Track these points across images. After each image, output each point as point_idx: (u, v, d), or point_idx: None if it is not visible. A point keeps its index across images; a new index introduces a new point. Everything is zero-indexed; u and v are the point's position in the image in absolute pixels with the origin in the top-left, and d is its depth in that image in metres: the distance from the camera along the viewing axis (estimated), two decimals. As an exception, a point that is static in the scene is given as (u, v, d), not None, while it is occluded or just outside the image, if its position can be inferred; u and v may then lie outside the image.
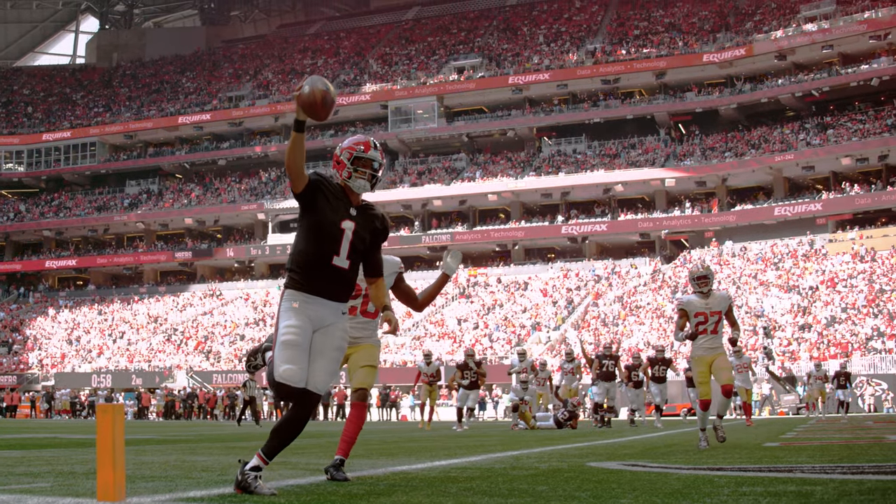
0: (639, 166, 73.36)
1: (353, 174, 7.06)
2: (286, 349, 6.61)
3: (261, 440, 16.89)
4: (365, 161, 7.11)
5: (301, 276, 6.80)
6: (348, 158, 7.10)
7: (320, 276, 6.80)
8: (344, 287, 6.91)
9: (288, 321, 6.70)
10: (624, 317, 62.19)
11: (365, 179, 7.09)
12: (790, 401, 48.27)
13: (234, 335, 71.96)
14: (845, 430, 18.69)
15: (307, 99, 6.62)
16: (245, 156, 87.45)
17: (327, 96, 6.64)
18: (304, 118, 6.70)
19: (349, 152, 7.13)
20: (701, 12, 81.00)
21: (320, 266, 6.80)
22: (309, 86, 6.64)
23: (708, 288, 13.23)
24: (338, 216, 6.91)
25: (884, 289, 56.50)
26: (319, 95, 6.63)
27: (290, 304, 6.77)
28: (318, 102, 6.62)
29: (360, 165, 7.10)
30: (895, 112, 67.58)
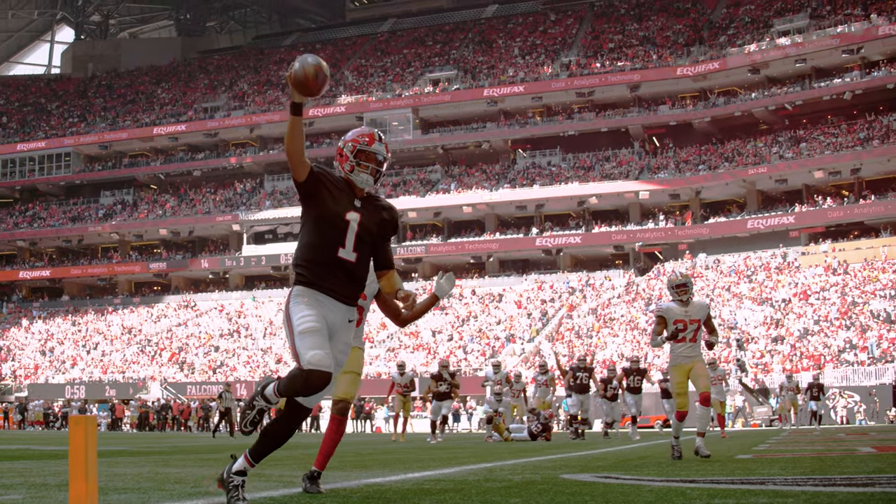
0: (613, 179, 73.59)
1: (356, 168, 6.86)
2: (308, 336, 6.39)
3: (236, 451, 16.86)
4: (368, 154, 6.91)
5: (308, 272, 6.61)
6: (351, 151, 6.90)
7: (327, 270, 6.60)
8: (352, 283, 6.70)
9: (302, 312, 6.50)
10: (598, 329, 62.33)
11: (368, 173, 6.88)
12: (763, 413, 48.44)
13: (208, 346, 71.84)
14: (817, 443, 18.74)
15: (298, 76, 6.39)
16: (220, 167, 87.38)
17: (320, 71, 6.43)
18: (299, 99, 6.49)
19: (352, 145, 6.93)
20: (675, 26, 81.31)
21: (326, 259, 6.61)
22: (299, 63, 6.42)
23: (687, 296, 13.18)
24: (341, 208, 6.71)
25: (856, 301, 56.78)
26: (312, 71, 6.40)
27: (300, 299, 6.57)
28: (311, 78, 6.40)
29: (363, 159, 6.89)
30: (867, 126, 67.96)
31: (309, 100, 6.65)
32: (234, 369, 67.47)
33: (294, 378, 6.37)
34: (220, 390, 42.36)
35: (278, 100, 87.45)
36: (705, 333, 13.40)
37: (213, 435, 37.20)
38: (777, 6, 77.30)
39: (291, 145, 6.57)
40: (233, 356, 70.03)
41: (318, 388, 6.35)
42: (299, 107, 6.51)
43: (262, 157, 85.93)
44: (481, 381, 29.27)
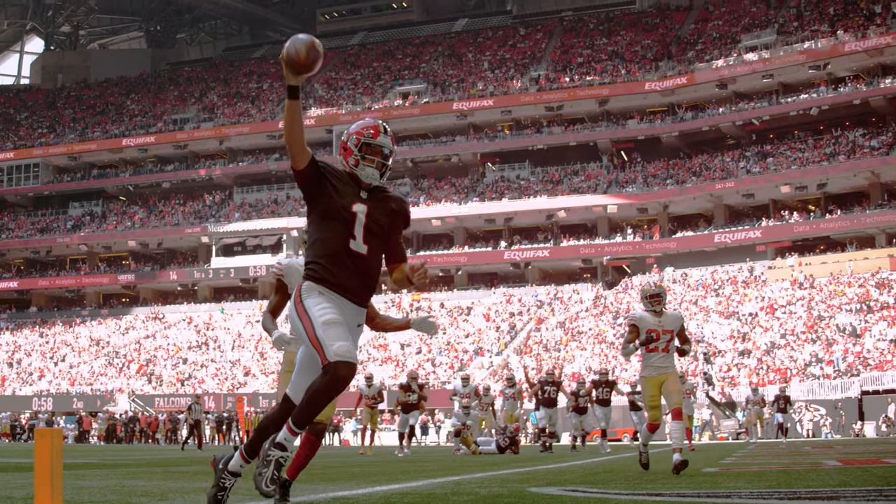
0: (581, 193, 73.81)
1: (361, 161, 6.65)
2: (331, 327, 6.22)
3: (203, 464, 16.81)
4: (374, 148, 6.69)
5: (321, 267, 6.42)
6: (356, 145, 6.68)
7: (340, 263, 6.42)
8: (365, 279, 6.50)
9: (321, 303, 6.33)
10: (566, 342, 62.46)
11: (374, 167, 6.66)
12: (730, 426, 48.67)
13: (176, 359, 71.62)
14: (783, 456, 18.79)
15: (290, 56, 6.21)
16: (189, 179, 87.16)
17: (311, 48, 6.23)
18: (294, 82, 6.28)
19: (357, 138, 6.71)
20: (644, 41, 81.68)
21: (338, 252, 6.42)
22: (290, 42, 6.25)
23: (660, 306, 13.11)
24: (347, 200, 6.50)
25: (822, 315, 57.11)
26: (303, 49, 6.20)
27: (316, 291, 6.39)
28: (302, 56, 6.20)
29: (368, 152, 6.67)
30: (834, 141, 68.41)
31: (304, 79, 6.40)
32: (202, 381, 67.31)
33: (316, 389, 6.18)
34: (188, 402, 42.25)
35: (248, 112, 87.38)
36: (678, 343, 13.24)
37: (182, 447, 37.06)
38: (744, 22, 77.79)
39: (291, 130, 6.42)
40: (201, 368, 69.85)
41: (347, 380, 6.17)
42: (295, 89, 6.31)
43: (231, 170, 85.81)
44: (450, 395, 29.20)
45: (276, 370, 66.82)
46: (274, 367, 67.56)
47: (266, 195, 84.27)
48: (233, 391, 64.08)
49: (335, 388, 6.14)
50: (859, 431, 46.74)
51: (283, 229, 79.27)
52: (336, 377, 6.11)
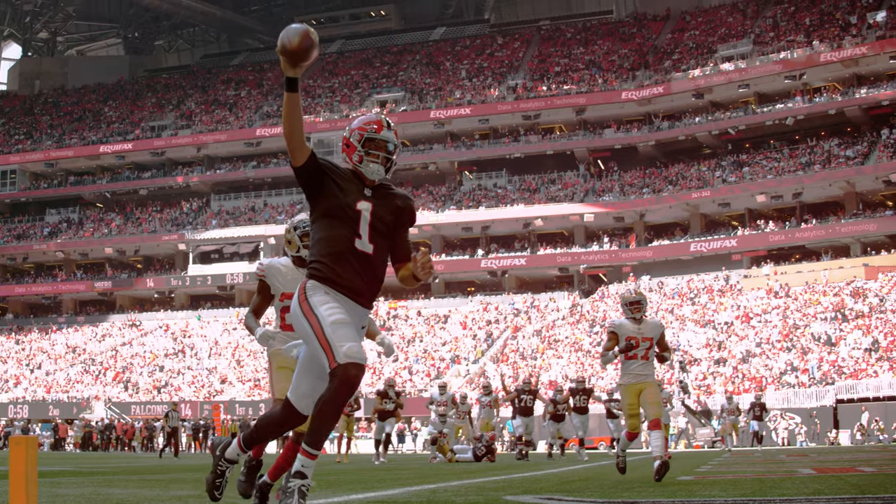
0: (558, 201, 73.97)
1: (365, 157, 6.43)
2: (340, 327, 6.04)
3: (179, 472, 16.81)
4: (378, 143, 6.48)
5: (325, 266, 6.23)
6: (358, 140, 6.46)
7: (345, 263, 6.23)
8: (370, 279, 6.31)
9: (328, 302, 6.14)
10: (542, 350, 62.58)
11: (378, 163, 6.45)
12: (705, 434, 48.81)
13: (153, 366, 71.47)
14: (758, 464, 18.79)
15: (285, 46, 5.96)
16: (167, 186, 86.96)
17: (306, 37, 5.96)
18: (292, 73, 6.04)
19: (359, 133, 6.49)
20: (621, 50, 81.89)
21: (343, 251, 6.23)
22: (284, 33, 5.98)
23: (640, 314, 13.05)
24: (351, 198, 6.31)
25: (797, 324, 57.38)
26: (297, 39, 5.94)
27: (321, 289, 6.20)
28: (295, 45, 5.94)
29: (372, 148, 6.46)
30: (809, 151, 68.74)
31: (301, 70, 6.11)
32: (178, 389, 67.18)
33: (326, 399, 5.95)
34: (165, 410, 42.18)
35: (226, 119, 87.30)
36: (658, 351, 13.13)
37: (160, 455, 36.99)
38: (721, 32, 78.10)
39: (289, 124, 6.16)
40: (177, 376, 69.72)
41: (357, 382, 6.01)
42: (293, 81, 6.07)
43: (208, 177, 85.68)
44: (427, 402, 29.20)
45: (254, 378, 66.78)
46: (251, 374, 67.50)
47: (243, 203, 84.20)
48: (209, 399, 63.99)
49: (346, 392, 5.95)
50: (834, 440, 46.96)
51: (260, 237, 79.20)
52: (346, 379, 5.93)
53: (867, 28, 68.99)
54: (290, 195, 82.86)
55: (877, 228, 63.86)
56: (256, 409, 60.45)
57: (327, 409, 5.94)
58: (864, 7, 71.98)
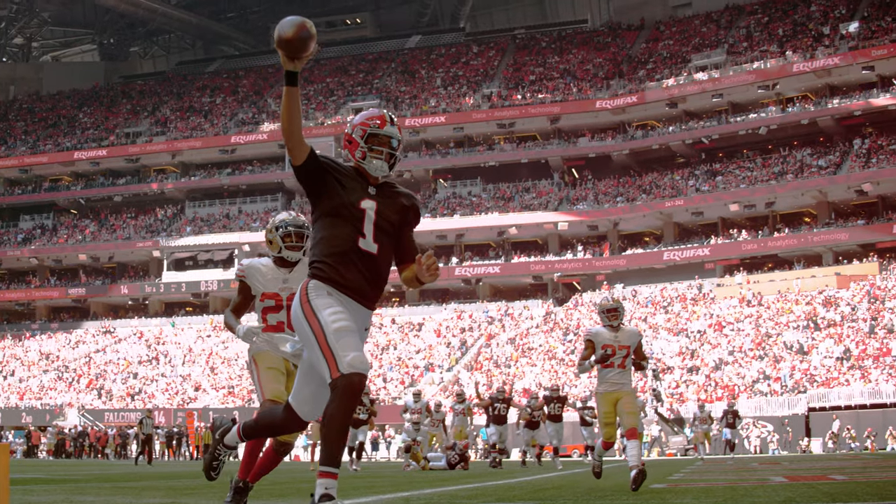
0: (532, 210, 74.14)
1: (369, 154, 6.26)
2: (344, 335, 5.87)
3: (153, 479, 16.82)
4: (381, 138, 6.29)
5: (328, 266, 6.07)
6: (361, 136, 6.28)
7: (348, 263, 6.07)
8: (374, 280, 6.15)
9: (332, 307, 5.97)
10: (516, 358, 62.69)
11: (382, 160, 6.27)
12: (678, 442, 49.03)
13: (126, 373, 71.28)
14: (731, 472, 18.82)
15: (280, 36, 5.82)
16: (141, 192, 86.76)
17: (302, 28, 5.80)
18: (291, 67, 5.87)
19: (362, 129, 6.30)
20: (595, 60, 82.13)
21: (346, 251, 6.07)
22: (278, 27, 5.84)
23: (618, 321, 12.97)
24: (354, 196, 6.15)
25: (770, 333, 57.68)
26: (291, 31, 5.78)
27: (324, 291, 6.02)
28: (289, 33, 5.77)
29: (375, 143, 6.27)
30: (782, 160, 69.14)
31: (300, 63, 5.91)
32: (152, 396, 67.04)
33: (332, 414, 5.77)
34: (139, 417, 42.11)
35: (201, 126, 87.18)
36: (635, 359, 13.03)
37: (136, 462, 36.83)
38: (695, 42, 78.44)
39: (288, 119, 5.95)
40: (151, 383, 69.58)
41: (361, 391, 5.83)
42: (292, 75, 5.89)
43: (183, 184, 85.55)
44: (400, 410, 29.18)
45: (227, 385, 66.69)
46: (225, 382, 67.39)
47: (218, 210, 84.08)
48: (183, 406, 63.87)
49: (351, 403, 5.79)
50: (806, 448, 47.26)
51: (234, 244, 79.11)
52: (350, 390, 5.77)
53: (840, 39, 69.45)
54: (265, 202, 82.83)
55: (848, 238, 64.22)
56: (230, 417, 60.35)
57: (336, 424, 5.78)
58: (837, 18, 72.49)
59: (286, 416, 6.41)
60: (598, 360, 12.83)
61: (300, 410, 6.30)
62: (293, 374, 8.17)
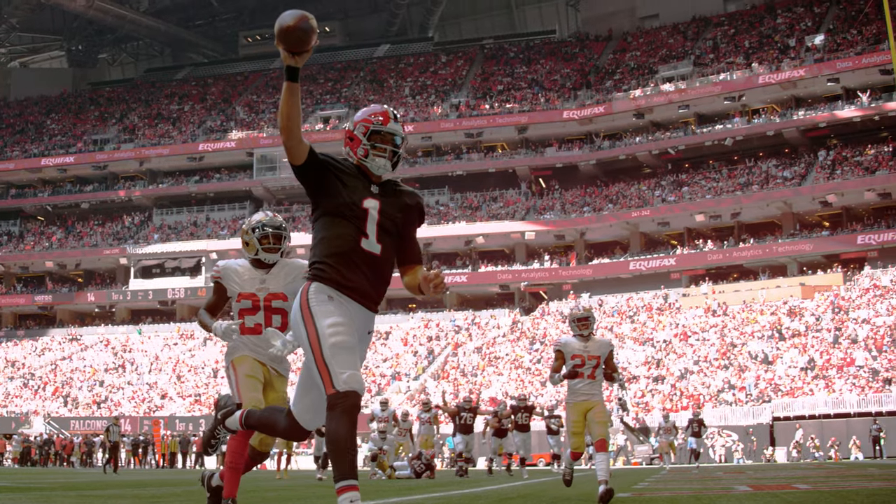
0: (500, 219, 74.32)
1: (371, 151, 6.08)
2: (341, 352, 5.70)
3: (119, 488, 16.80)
4: (384, 136, 6.11)
5: (329, 267, 5.90)
6: (364, 133, 6.11)
7: (351, 264, 5.90)
8: (378, 282, 6.03)
9: (331, 318, 5.78)
10: (483, 367, 62.81)
11: (385, 158, 6.10)
12: (643, 451, 49.23)
13: (93, 381, 71.02)
14: (695, 481, 18.85)
15: (280, 27, 5.68)
16: (109, 199, 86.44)
17: (303, 20, 5.67)
18: (293, 62, 5.74)
19: (364, 126, 6.12)
20: (563, 70, 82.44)
21: (349, 251, 5.91)
22: (278, 21, 5.69)
23: (588, 331, 12.82)
24: (357, 195, 5.98)
25: (734, 342, 58.00)
26: (291, 23, 5.65)
27: (325, 296, 5.85)
28: (290, 22, 5.66)
29: (378, 141, 6.10)
30: (748, 171, 69.56)
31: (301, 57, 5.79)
32: (118, 404, 66.84)
33: (335, 432, 5.61)
34: (105, 425, 41.96)
35: (169, 133, 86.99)
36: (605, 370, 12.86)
37: (105, 470, 36.53)
38: (662, 53, 78.85)
39: (288, 117, 5.78)
40: (117, 391, 69.37)
41: (359, 407, 5.68)
42: (293, 70, 5.74)
43: (151, 191, 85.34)
44: (367, 419, 29.18)
45: (194, 393, 66.56)
46: (191, 390, 67.26)
47: (186, 217, 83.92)
48: (149, 414, 63.72)
49: (351, 422, 5.62)
50: (770, 457, 47.51)
51: (202, 252, 78.96)
52: (349, 409, 5.64)
53: (805, 51, 69.98)
54: (233, 210, 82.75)
55: (813, 248, 64.66)
56: (197, 425, 60.28)
57: (341, 442, 5.62)
58: (803, 31, 73.08)
59: (289, 425, 6.29)
60: (565, 376, 12.63)
61: (302, 419, 6.19)
62: (271, 382, 8.16)
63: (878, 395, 47.85)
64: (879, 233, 62.65)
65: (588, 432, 12.79)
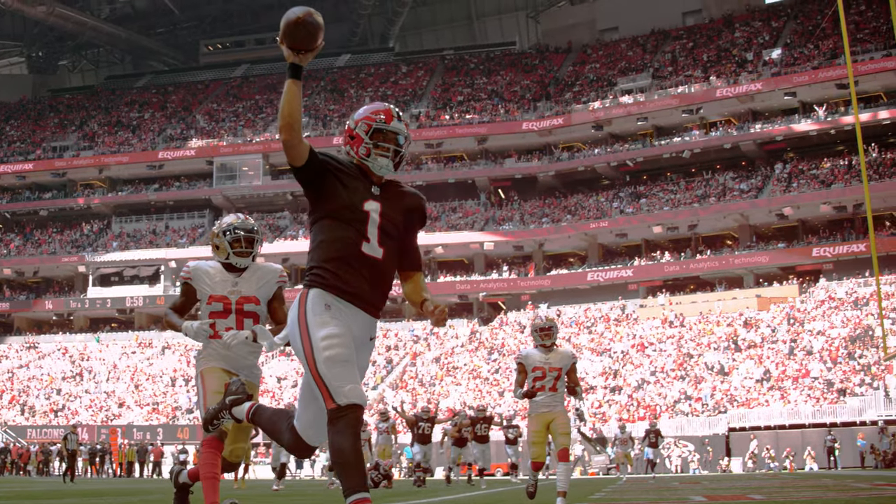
0: (459, 229, 74.48)
1: (374, 151, 5.85)
2: (339, 365, 5.47)
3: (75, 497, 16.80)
4: (387, 134, 5.88)
5: (329, 273, 5.63)
6: (366, 131, 5.85)
7: (351, 269, 5.63)
8: (379, 287, 5.74)
9: (327, 329, 5.52)
10: (441, 377, 63.00)
11: (388, 157, 5.87)
12: (601, 461, 49.50)
13: (50, 389, 70.69)
14: (651, 491, 19.03)
15: (286, 21, 5.54)
16: (67, 207, 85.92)
17: (308, 15, 5.53)
18: (296, 60, 5.57)
19: (366, 124, 5.87)
20: (523, 81, 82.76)
21: (349, 256, 5.64)
22: (284, 17, 5.54)
23: (550, 341, 12.47)
24: (357, 197, 5.74)
25: (691, 353, 58.43)
26: (294, 19, 5.50)
27: (322, 305, 5.59)
28: (300, 13, 5.52)
29: (381, 140, 5.85)
30: (705, 183, 70.04)
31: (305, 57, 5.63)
32: (75, 413, 66.56)
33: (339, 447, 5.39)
34: (62, 433, 41.83)
35: (128, 141, 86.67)
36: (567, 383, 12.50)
37: (64, 479, 36.30)
38: (621, 66, 79.29)
39: (290, 114, 5.54)
40: (75, 399, 69.08)
41: (361, 420, 5.49)
42: (296, 68, 5.56)
43: (110, 199, 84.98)
44: (326, 429, 28.84)
45: (152, 402, 66.40)
46: (149, 398, 67.10)
47: (145, 225, 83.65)
48: (107, 423, 63.53)
49: (354, 435, 5.42)
50: (726, 467, 47.91)
51: (160, 260, 78.78)
52: (352, 424, 5.44)
53: (763, 65, 70.59)
54: (192, 219, 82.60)
55: (769, 260, 65.20)
56: (154, 434, 60.18)
57: (346, 455, 5.41)
58: (761, 45, 73.72)
59: (292, 440, 6.03)
60: (524, 395, 12.36)
61: (306, 435, 5.93)
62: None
63: (832, 407, 48.35)
64: (835, 245, 63.23)
65: (552, 441, 12.63)
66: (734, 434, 49.46)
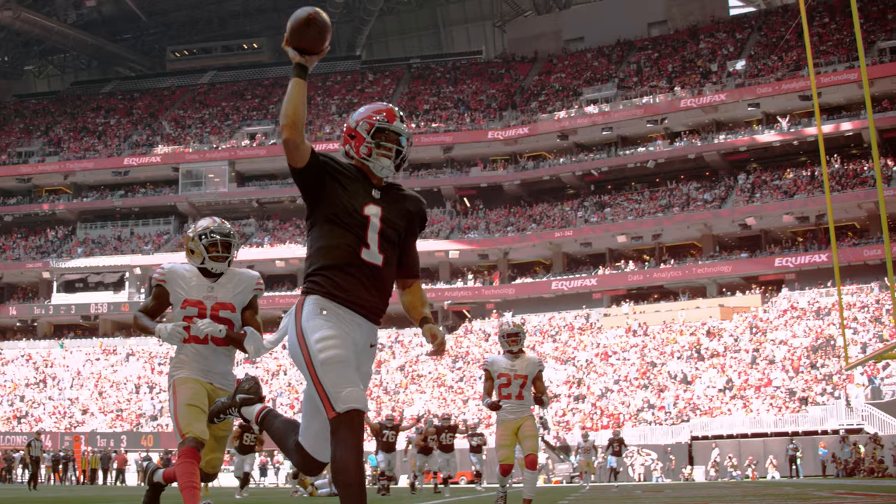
0: (424, 237, 74.43)
1: (375, 151, 5.67)
2: (336, 367, 5.28)
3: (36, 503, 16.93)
4: (389, 134, 5.71)
5: (327, 280, 5.48)
6: (367, 131, 5.68)
7: (351, 276, 5.47)
8: (379, 294, 5.58)
9: (322, 332, 5.36)
10: (405, 385, 63.12)
11: (390, 158, 5.71)
12: (564, 469, 49.69)
13: (13, 395, 70.39)
14: (614, 499, 19.29)
15: (296, 22, 5.47)
16: (32, 213, 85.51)
17: (316, 16, 5.44)
18: (302, 61, 5.55)
19: (368, 123, 5.70)
20: (489, 90, 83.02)
21: (349, 262, 5.47)
22: (292, 17, 5.46)
23: (518, 347, 12.34)
24: (358, 201, 5.56)
25: (654, 362, 58.79)
26: (304, 17, 5.43)
27: (318, 309, 5.44)
28: (310, 11, 5.44)
29: (383, 139, 5.68)
30: (669, 193, 70.46)
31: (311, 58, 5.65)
32: (39, 420, 66.32)
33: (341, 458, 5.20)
34: (25, 440, 41.68)
35: (94, 147, 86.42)
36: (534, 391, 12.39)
37: (29, 487, 36.10)
38: (586, 76, 79.67)
39: (293, 113, 5.46)
40: (38, 406, 68.83)
41: (363, 427, 5.30)
42: (301, 69, 5.55)
43: (75, 205, 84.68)
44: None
45: (116, 409, 66.25)
46: (113, 405, 66.96)
47: (110, 231, 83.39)
48: (70, 430, 63.30)
49: (357, 443, 5.26)
50: (689, 476, 48.22)
51: (125, 266, 78.61)
52: (351, 430, 5.24)
53: (727, 76, 71.13)
54: (158, 225, 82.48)
55: (732, 270, 65.65)
56: (118, 441, 60.05)
57: (349, 475, 5.27)
58: (725, 56, 74.27)
59: (299, 457, 5.81)
60: (490, 406, 12.27)
61: (313, 450, 5.72)
62: (215, 401, 7.50)
63: (794, 416, 48.78)
64: (797, 255, 63.73)
65: (519, 446, 12.53)
66: (697, 442, 49.79)
